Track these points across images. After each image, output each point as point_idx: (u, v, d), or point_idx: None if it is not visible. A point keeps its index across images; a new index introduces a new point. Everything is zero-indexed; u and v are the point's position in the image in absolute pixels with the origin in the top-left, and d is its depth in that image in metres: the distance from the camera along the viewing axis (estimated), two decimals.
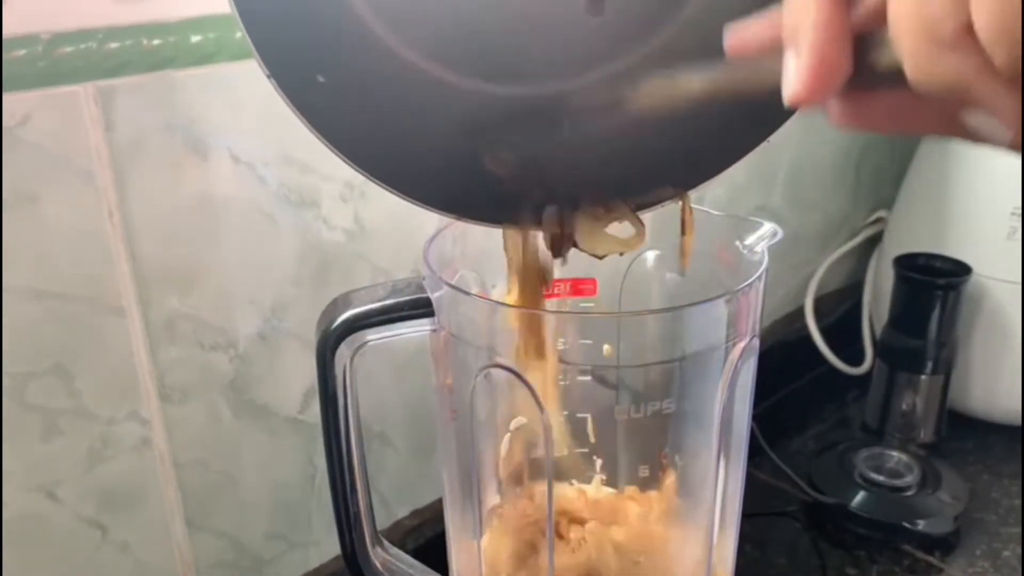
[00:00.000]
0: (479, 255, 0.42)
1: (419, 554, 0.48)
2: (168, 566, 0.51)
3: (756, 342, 0.38)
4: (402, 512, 0.62)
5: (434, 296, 0.37)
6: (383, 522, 0.61)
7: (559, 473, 0.39)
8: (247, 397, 0.52)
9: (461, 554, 0.43)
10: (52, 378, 0.44)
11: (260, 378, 0.52)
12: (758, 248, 0.39)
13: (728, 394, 0.37)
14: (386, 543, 0.43)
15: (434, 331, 0.38)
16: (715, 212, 0.42)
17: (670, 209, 0.44)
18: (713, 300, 0.35)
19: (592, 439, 0.41)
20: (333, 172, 0.52)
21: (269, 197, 0.50)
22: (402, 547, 0.47)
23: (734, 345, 0.37)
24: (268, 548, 0.55)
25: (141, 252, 0.46)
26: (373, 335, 0.38)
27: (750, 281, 0.36)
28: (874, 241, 0.94)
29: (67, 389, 0.45)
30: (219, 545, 0.53)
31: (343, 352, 0.37)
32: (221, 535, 0.53)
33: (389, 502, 0.61)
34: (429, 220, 0.56)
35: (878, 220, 0.95)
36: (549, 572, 0.39)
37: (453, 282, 0.39)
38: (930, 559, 0.69)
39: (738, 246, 0.40)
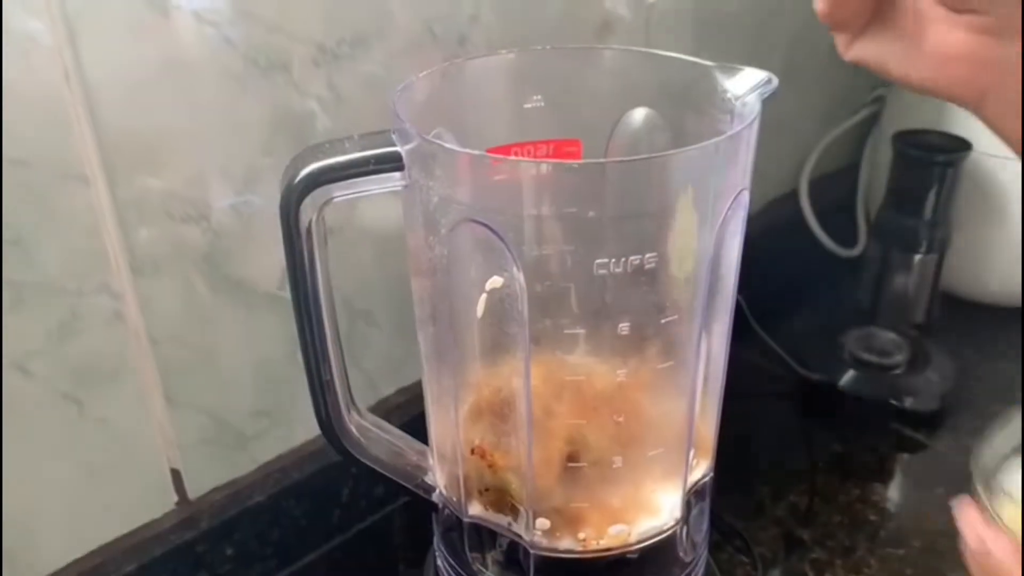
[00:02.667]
0: (454, 111, 0.40)
1: (405, 431, 0.48)
2: (149, 442, 0.50)
3: (746, 195, 0.37)
4: (388, 390, 0.62)
5: (404, 149, 0.35)
6: (369, 400, 0.61)
7: (538, 340, 0.38)
8: (223, 272, 0.51)
9: (439, 423, 0.43)
10: (12, 248, 0.42)
11: (236, 253, 0.51)
12: (750, 99, 0.36)
13: (715, 248, 0.36)
14: (363, 410, 0.42)
15: (405, 187, 0.36)
16: (707, 63, 0.39)
17: (660, 65, 0.42)
18: (701, 146, 0.33)
19: (575, 309, 0.39)
20: (304, 33, 0.49)
21: (236, 59, 0.47)
22: None
23: (722, 197, 0.35)
24: (251, 424, 0.55)
25: (103, 117, 0.43)
26: (339, 191, 0.36)
27: (740, 128, 0.34)
28: (872, 121, 0.92)
29: (31, 260, 0.43)
30: (200, 421, 0.52)
31: (307, 208, 0.35)
32: (202, 411, 0.52)
33: (375, 380, 0.61)
34: None
35: (878, 99, 0.92)
36: (527, 439, 0.39)
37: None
38: (916, 436, 0.69)
39: (731, 98, 0.38)
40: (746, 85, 0.37)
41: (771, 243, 0.85)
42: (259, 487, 0.55)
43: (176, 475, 0.52)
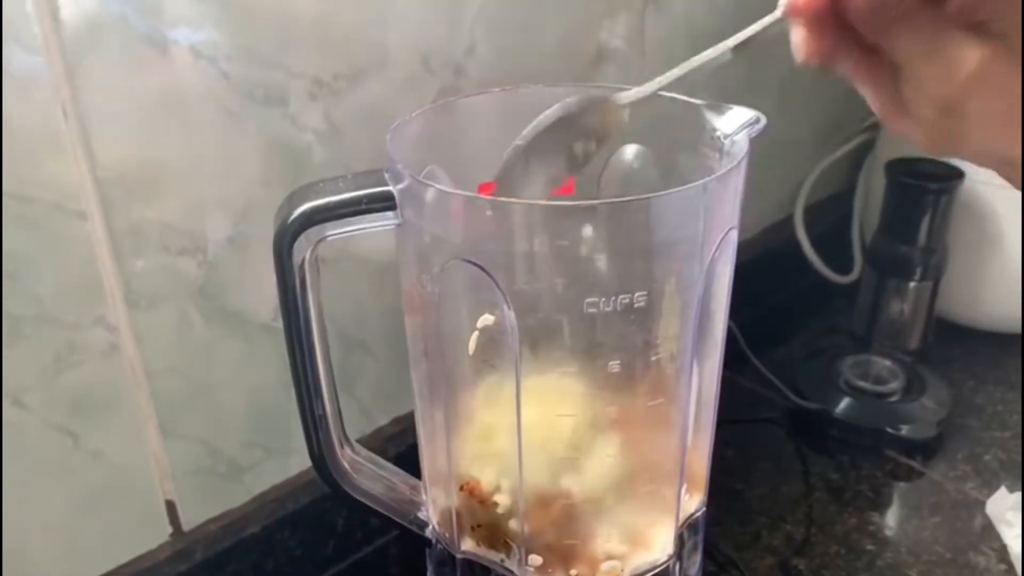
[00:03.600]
0: (447, 148, 0.40)
1: (400, 461, 0.48)
2: (144, 473, 0.50)
3: (734, 233, 0.37)
4: (383, 420, 0.62)
5: (397, 188, 0.36)
6: (364, 429, 0.61)
7: (530, 377, 0.38)
8: (218, 303, 0.51)
9: (431, 459, 0.43)
10: (8, 281, 0.43)
11: (231, 284, 0.51)
12: (739, 137, 0.37)
13: (704, 286, 0.36)
14: (356, 445, 0.42)
15: (398, 225, 0.36)
16: (697, 101, 0.40)
17: (651, 102, 0.42)
18: (690, 187, 0.33)
19: (566, 347, 0.39)
20: (300, 68, 0.49)
21: (233, 94, 0.47)
22: (383, 454, 0.47)
23: (711, 235, 0.35)
24: (246, 455, 0.55)
25: (100, 151, 0.44)
26: (333, 229, 0.36)
27: (729, 168, 0.34)
28: (867, 147, 0.92)
29: (28, 294, 0.43)
30: (195, 452, 0.52)
31: (301, 246, 0.36)
32: (197, 442, 0.52)
33: (370, 410, 0.61)
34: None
35: (872, 126, 0.92)
36: (519, 476, 0.39)
37: (420, 177, 0.37)
38: (912, 463, 0.69)
39: (720, 136, 0.38)
40: (735, 123, 0.38)
41: (766, 270, 0.85)
42: (254, 518, 0.55)
43: (170, 506, 0.52)
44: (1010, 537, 0.61)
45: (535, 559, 0.40)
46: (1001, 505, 0.63)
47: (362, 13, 0.51)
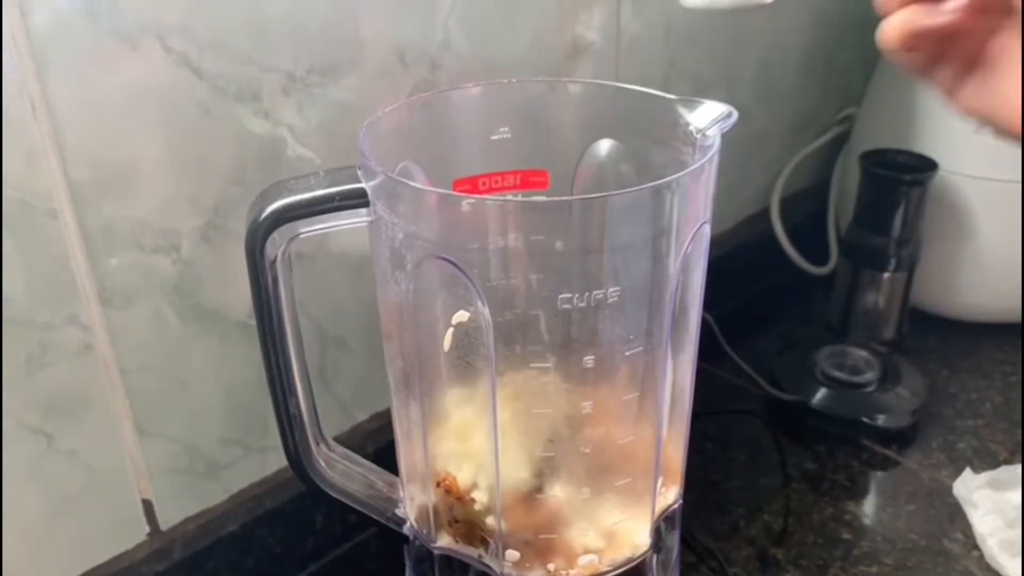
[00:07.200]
0: (423, 143, 0.40)
1: (379, 456, 0.48)
2: (120, 473, 0.50)
3: (707, 228, 0.37)
4: (361, 416, 0.62)
5: (369, 185, 0.35)
6: (342, 426, 0.61)
7: (504, 373, 0.38)
8: (193, 301, 0.51)
9: (408, 456, 0.43)
10: None
11: (206, 282, 0.51)
12: (711, 131, 0.37)
13: (678, 281, 0.36)
14: (332, 442, 0.42)
15: (371, 222, 0.36)
16: (670, 96, 0.40)
17: (624, 97, 0.42)
18: (661, 182, 0.34)
19: (540, 343, 0.39)
20: (273, 62, 0.49)
21: (205, 89, 0.47)
22: (361, 450, 0.47)
23: (683, 230, 0.35)
24: (223, 454, 0.55)
25: (71, 148, 0.43)
26: (305, 227, 0.36)
27: (700, 164, 0.34)
28: (842, 140, 0.93)
29: None
30: (172, 451, 0.52)
31: (273, 244, 0.36)
32: (173, 441, 0.52)
33: (348, 406, 0.61)
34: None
35: (847, 118, 0.93)
36: (495, 471, 0.39)
37: (395, 173, 0.37)
38: (887, 452, 0.70)
39: (693, 131, 0.38)
40: (707, 118, 0.38)
41: (742, 261, 0.86)
42: (232, 516, 0.55)
43: (148, 506, 0.52)
44: (976, 517, 0.62)
45: (512, 554, 0.40)
46: (968, 486, 0.64)
47: (335, 6, 0.51)
